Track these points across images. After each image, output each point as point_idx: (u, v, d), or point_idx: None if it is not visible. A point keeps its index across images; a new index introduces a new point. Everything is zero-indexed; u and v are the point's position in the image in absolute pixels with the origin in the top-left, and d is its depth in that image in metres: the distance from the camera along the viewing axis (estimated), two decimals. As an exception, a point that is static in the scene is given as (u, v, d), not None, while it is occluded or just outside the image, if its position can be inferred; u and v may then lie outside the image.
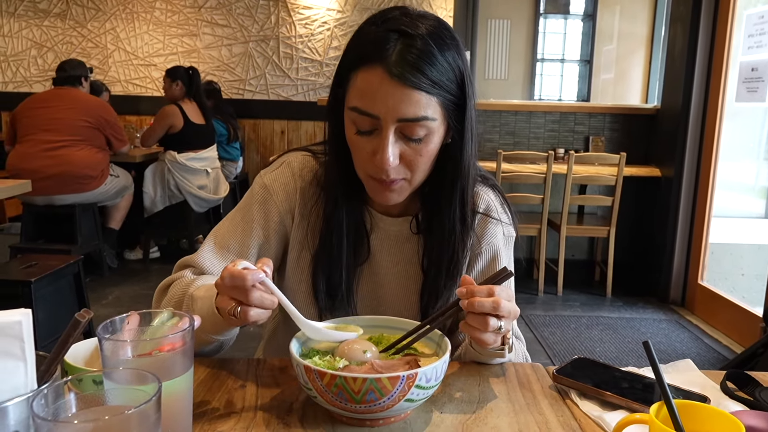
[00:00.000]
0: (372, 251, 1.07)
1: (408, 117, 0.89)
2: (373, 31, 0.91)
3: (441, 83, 0.89)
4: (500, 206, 1.10)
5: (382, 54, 0.88)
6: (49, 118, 3.76)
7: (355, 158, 0.97)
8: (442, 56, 0.89)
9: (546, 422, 0.80)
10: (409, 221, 1.07)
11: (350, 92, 0.92)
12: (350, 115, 0.93)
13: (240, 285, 0.77)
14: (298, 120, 5.67)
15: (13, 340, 0.55)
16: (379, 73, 0.88)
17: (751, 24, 3.40)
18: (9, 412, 0.54)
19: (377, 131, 0.91)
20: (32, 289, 2.40)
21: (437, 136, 0.93)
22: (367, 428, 0.77)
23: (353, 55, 0.92)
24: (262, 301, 0.79)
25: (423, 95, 0.88)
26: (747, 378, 0.92)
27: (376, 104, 0.89)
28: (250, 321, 0.80)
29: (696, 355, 3.21)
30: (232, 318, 0.80)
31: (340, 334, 0.86)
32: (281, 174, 1.08)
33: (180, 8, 5.58)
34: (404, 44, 0.88)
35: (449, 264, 1.02)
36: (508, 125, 4.55)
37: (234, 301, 0.79)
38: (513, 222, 1.11)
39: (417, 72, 0.87)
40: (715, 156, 3.74)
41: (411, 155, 0.93)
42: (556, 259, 4.14)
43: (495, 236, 1.08)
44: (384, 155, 0.90)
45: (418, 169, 0.94)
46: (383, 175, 0.93)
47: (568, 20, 7.56)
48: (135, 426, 0.51)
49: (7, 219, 4.70)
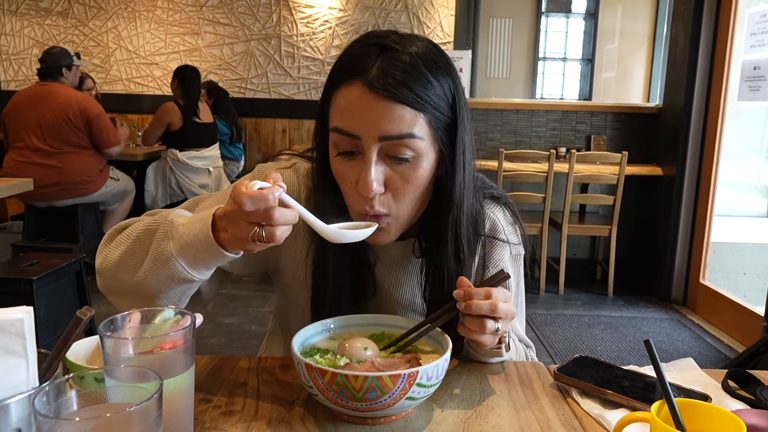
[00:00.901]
0: (376, 281, 1.01)
1: (391, 134, 0.81)
2: (356, 47, 0.86)
3: (428, 99, 0.82)
4: (509, 225, 1.05)
5: (361, 68, 0.82)
6: (35, 121, 3.66)
7: (342, 190, 0.89)
8: (431, 74, 0.83)
9: (547, 420, 0.80)
10: (411, 243, 1.00)
11: (332, 112, 0.86)
12: (332, 138, 0.86)
13: (263, 206, 0.71)
14: (300, 119, 5.67)
15: (15, 337, 0.55)
16: (359, 87, 0.82)
17: (754, 22, 3.40)
18: (11, 410, 0.54)
19: (359, 154, 0.84)
20: (34, 287, 2.41)
21: (426, 160, 0.86)
22: (368, 426, 0.77)
23: (334, 74, 0.86)
24: (285, 218, 0.73)
25: (407, 110, 0.81)
26: (748, 377, 0.92)
27: (356, 121, 0.82)
28: (277, 241, 0.74)
29: (698, 354, 3.21)
30: (257, 243, 0.74)
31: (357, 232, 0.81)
32: (288, 175, 1.02)
33: (182, 7, 5.58)
34: (386, 58, 0.82)
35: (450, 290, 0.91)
36: (510, 124, 4.54)
37: (254, 225, 0.73)
38: (522, 240, 1.07)
39: (400, 85, 0.80)
40: (717, 155, 3.74)
41: (397, 181, 0.85)
42: (557, 258, 4.14)
43: (502, 259, 1.03)
44: (366, 179, 0.82)
45: (404, 198, 0.86)
46: (367, 207, 0.85)
47: (569, 19, 7.55)
48: (136, 423, 0.51)
49: (9, 217, 4.71)
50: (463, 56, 4.87)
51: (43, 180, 3.61)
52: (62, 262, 2.63)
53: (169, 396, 0.62)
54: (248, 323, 3.45)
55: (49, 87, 3.75)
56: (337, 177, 0.89)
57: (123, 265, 0.88)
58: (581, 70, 7.58)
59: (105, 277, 0.92)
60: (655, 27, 6.84)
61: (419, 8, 5.50)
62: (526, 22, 7.24)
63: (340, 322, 0.92)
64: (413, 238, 1.00)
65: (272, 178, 0.74)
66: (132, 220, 0.93)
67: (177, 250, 0.81)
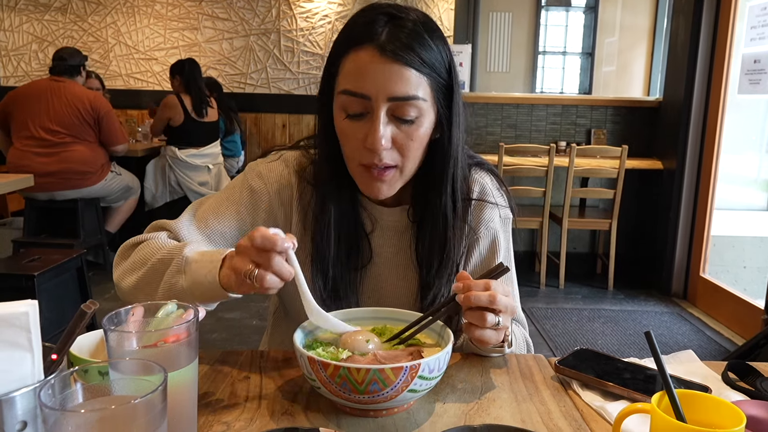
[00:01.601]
0: (373, 248, 1.06)
1: (399, 95, 0.88)
2: (362, 16, 0.92)
3: (431, 64, 0.90)
4: (496, 189, 1.10)
5: (372, 34, 0.88)
6: (45, 112, 3.72)
7: (345, 148, 0.95)
8: (431, 40, 0.90)
9: (548, 412, 0.81)
10: (406, 210, 1.06)
11: (340, 77, 0.92)
12: (340, 100, 0.92)
13: (269, 247, 0.76)
14: (300, 113, 5.66)
15: (20, 330, 0.56)
16: (370, 51, 0.88)
17: (754, 15, 3.39)
18: (16, 402, 0.54)
19: (368, 114, 0.90)
20: (36, 282, 2.41)
21: (427, 120, 0.93)
22: (370, 419, 0.78)
23: (342, 41, 0.92)
24: (281, 270, 0.77)
25: (414, 73, 0.88)
26: (748, 368, 0.93)
27: (367, 83, 0.88)
28: (264, 286, 0.77)
29: (698, 347, 3.22)
30: (246, 281, 0.78)
31: (345, 325, 0.87)
32: (277, 166, 1.06)
33: (181, 2, 5.56)
34: (395, 24, 0.89)
35: (441, 253, 1.01)
36: (510, 118, 4.54)
37: (253, 263, 0.78)
38: (509, 203, 1.11)
39: (408, 50, 0.87)
40: (717, 148, 3.73)
41: (402, 139, 0.92)
42: (557, 252, 4.14)
43: (492, 220, 1.08)
44: (376, 135, 0.89)
45: (410, 154, 0.93)
46: (375, 159, 0.91)
47: (569, 12, 7.53)
48: (141, 415, 0.51)
49: (9, 213, 4.71)
50: (463, 50, 4.86)
51: (44, 169, 3.64)
52: (63, 258, 2.63)
53: (173, 389, 0.62)
54: (249, 318, 3.46)
55: (63, 83, 3.83)
56: (342, 137, 0.95)
57: (139, 290, 0.95)
58: (581, 63, 7.57)
59: (123, 293, 0.99)
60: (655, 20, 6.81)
61: (419, 2, 5.48)
62: (526, 16, 7.22)
63: (341, 316, 0.93)
64: (407, 205, 1.05)
65: (290, 235, 0.79)
66: (145, 237, 1.00)
67: (188, 285, 0.88)
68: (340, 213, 1.00)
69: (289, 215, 1.05)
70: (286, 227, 1.05)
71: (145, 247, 0.97)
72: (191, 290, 0.87)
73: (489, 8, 6.83)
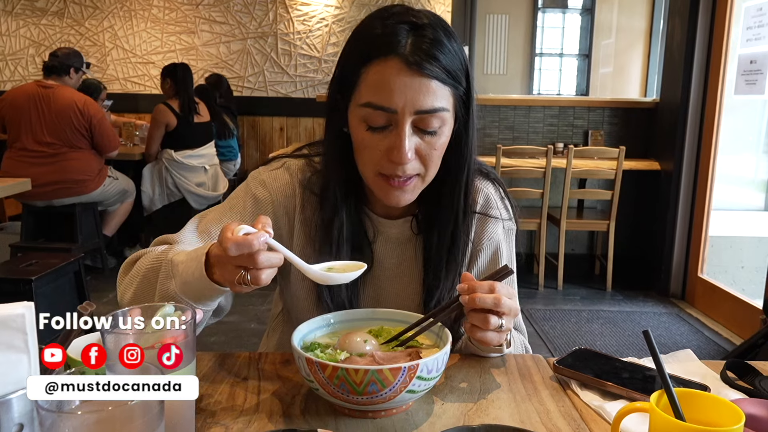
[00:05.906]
0: (375, 258, 1.05)
1: (425, 108, 0.87)
2: (380, 25, 0.89)
3: (453, 72, 0.89)
4: (500, 201, 1.09)
5: (395, 45, 0.86)
6: (36, 125, 3.66)
7: (362, 158, 0.93)
8: (450, 45, 0.89)
9: (547, 412, 0.80)
10: (410, 222, 1.05)
11: (361, 88, 0.89)
12: (361, 113, 0.89)
13: (246, 252, 0.74)
14: (297, 116, 5.66)
15: (16, 332, 0.56)
16: (396, 64, 0.86)
17: (750, 16, 3.40)
18: (13, 405, 0.54)
19: (392, 126, 0.89)
20: (33, 286, 2.40)
21: (448, 129, 0.92)
22: (369, 420, 0.78)
23: (362, 51, 0.89)
24: (270, 262, 0.76)
25: (438, 85, 0.87)
26: (747, 367, 0.93)
27: (394, 97, 0.86)
28: (263, 284, 0.77)
29: (696, 347, 3.22)
30: (242, 286, 0.77)
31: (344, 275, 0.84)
32: (281, 175, 1.05)
33: (178, 5, 5.57)
34: (417, 35, 0.87)
35: (449, 257, 1.01)
36: (507, 120, 4.54)
37: (240, 268, 0.76)
38: (513, 215, 1.10)
39: (433, 60, 0.86)
40: (715, 149, 3.74)
41: (425, 149, 0.91)
42: (556, 254, 4.14)
43: (495, 232, 1.07)
44: (401, 150, 0.87)
45: (432, 163, 0.92)
46: (399, 172, 0.90)
47: (566, 14, 7.55)
48: (138, 417, 0.51)
49: (7, 218, 4.70)
50: (460, 53, 4.86)
51: (42, 179, 3.61)
52: (61, 262, 2.63)
53: (170, 390, 0.62)
54: (248, 321, 3.45)
55: (50, 89, 3.73)
56: (361, 148, 0.93)
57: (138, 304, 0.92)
58: (578, 65, 7.59)
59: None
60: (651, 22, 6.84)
61: (416, 4, 5.49)
62: (523, 18, 7.24)
63: (339, 317, 0.93)
64: (410, 216, 1.05)
65: (260, 223, 0.77)
66: (144, 251, 0.99)
67: (179, 288, 0.86)
68: (343, 223, 0.99)
69: (292, 224, 1.04)
70: (288, 236, 1.04)
71: (141, 261, 0.96)
72: (183, 291, 0.85)
73: (486, 10, 6.85)
